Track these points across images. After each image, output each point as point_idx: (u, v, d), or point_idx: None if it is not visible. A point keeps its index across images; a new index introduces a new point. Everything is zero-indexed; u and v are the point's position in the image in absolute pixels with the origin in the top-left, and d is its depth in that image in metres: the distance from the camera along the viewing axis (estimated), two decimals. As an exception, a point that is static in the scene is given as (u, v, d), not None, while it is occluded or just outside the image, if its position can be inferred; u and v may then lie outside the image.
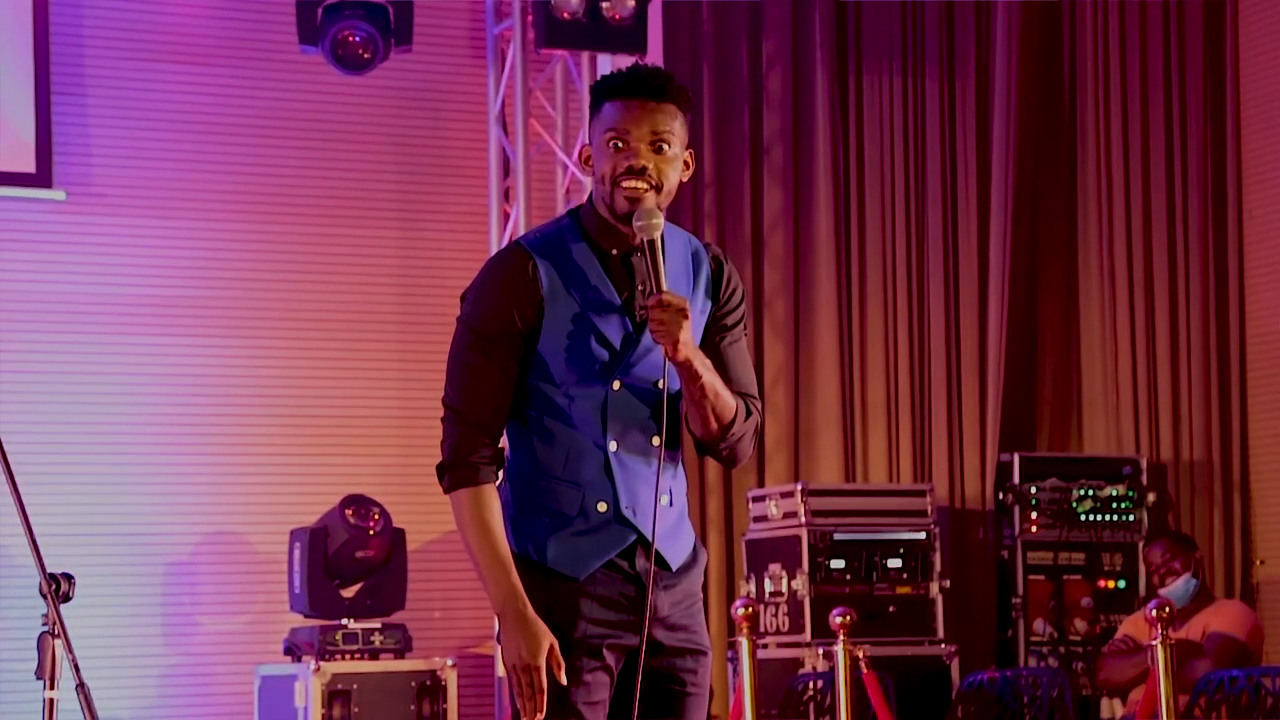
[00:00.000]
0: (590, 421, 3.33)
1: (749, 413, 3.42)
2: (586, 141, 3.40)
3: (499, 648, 3.41)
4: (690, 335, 3.28)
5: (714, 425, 3.37)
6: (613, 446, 3.33)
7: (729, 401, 3.37)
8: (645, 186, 3.30)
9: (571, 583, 3.32)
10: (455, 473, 3.33)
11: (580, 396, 3.33)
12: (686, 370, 3.29)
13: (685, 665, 3.39)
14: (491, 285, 3.35)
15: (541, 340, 3.32)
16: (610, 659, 3.33)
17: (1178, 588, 7.35)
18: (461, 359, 3.35)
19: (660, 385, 3.35)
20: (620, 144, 3.31)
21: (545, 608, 3.28)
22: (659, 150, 3.32)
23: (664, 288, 3.28)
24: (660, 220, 3.31)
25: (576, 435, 3.33)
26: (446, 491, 3.35)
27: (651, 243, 3.30)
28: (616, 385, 3.34)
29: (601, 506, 3.33)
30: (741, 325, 3.51)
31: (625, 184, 3.30)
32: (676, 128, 3.34)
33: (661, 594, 3.36)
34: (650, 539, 3.32)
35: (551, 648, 3.24)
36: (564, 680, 3.25)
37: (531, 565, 3.32)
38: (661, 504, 3.35)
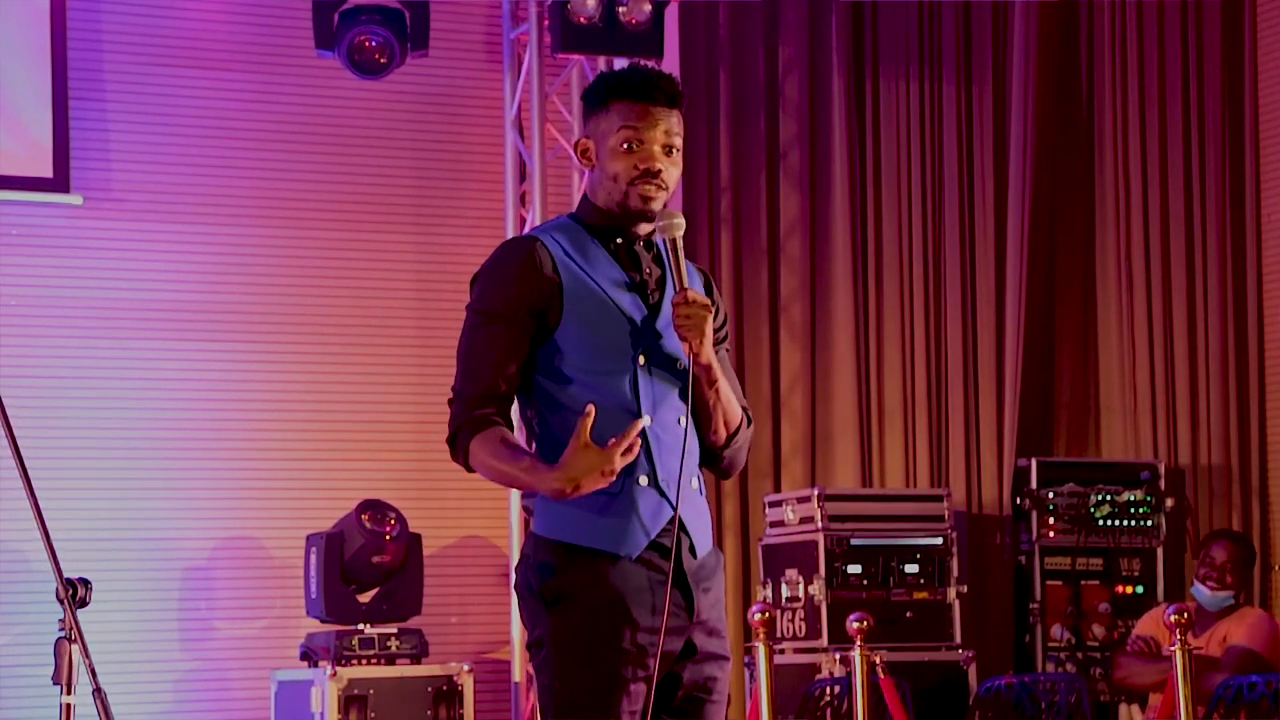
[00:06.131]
0: (624, 397, 3.35)
1: (749, 421, 3.49)
2: (584, 135, 3.45)
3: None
4: (712, 334, 3.34)
5: (723, 433, 3.44)
6: (646, 420, 3.34)
7: (737, 409, 3.45)
8: (660, 189, 3.39)
9: (621, 577, 3.29)
10: (461, 433, 3.35)
11: (610, 372, 3.35)
12: (706, 373, 3.35)
13: (712, 672, 3.42)
14: (501, 266, 3.39)
15: (563, 323, 3.34)
16: (652, 666, 3.34)
17: (1213, 597, 7.32)
18: (467, 340, 3.40)
19: (681, 365, 3.39)
20: (635, 145, 3.38)
21: (592, 610, 3.29)
22: (669, 153, 3.40)
23: (685, 285, 3.34)
24: (681, 221, 3.40)
25: (614, 412, 3.32)
26: (460, 456, 3.35)
27: (674, 241, 3.37)
28: (642, 360, 3.36)
29: (642, 479, 3.34)
30: (727, 338, 3.56)
31: (642, 187, 3.37)
32: (682, 131, 3.43)
33: (701, 596, 3.38)
34: (685, 521, 3.36)
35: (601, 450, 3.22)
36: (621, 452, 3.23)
37: (578, 551, 3.31)
38: (693, 487, 3.40)
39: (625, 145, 3.38)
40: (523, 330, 3.36)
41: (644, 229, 3.42)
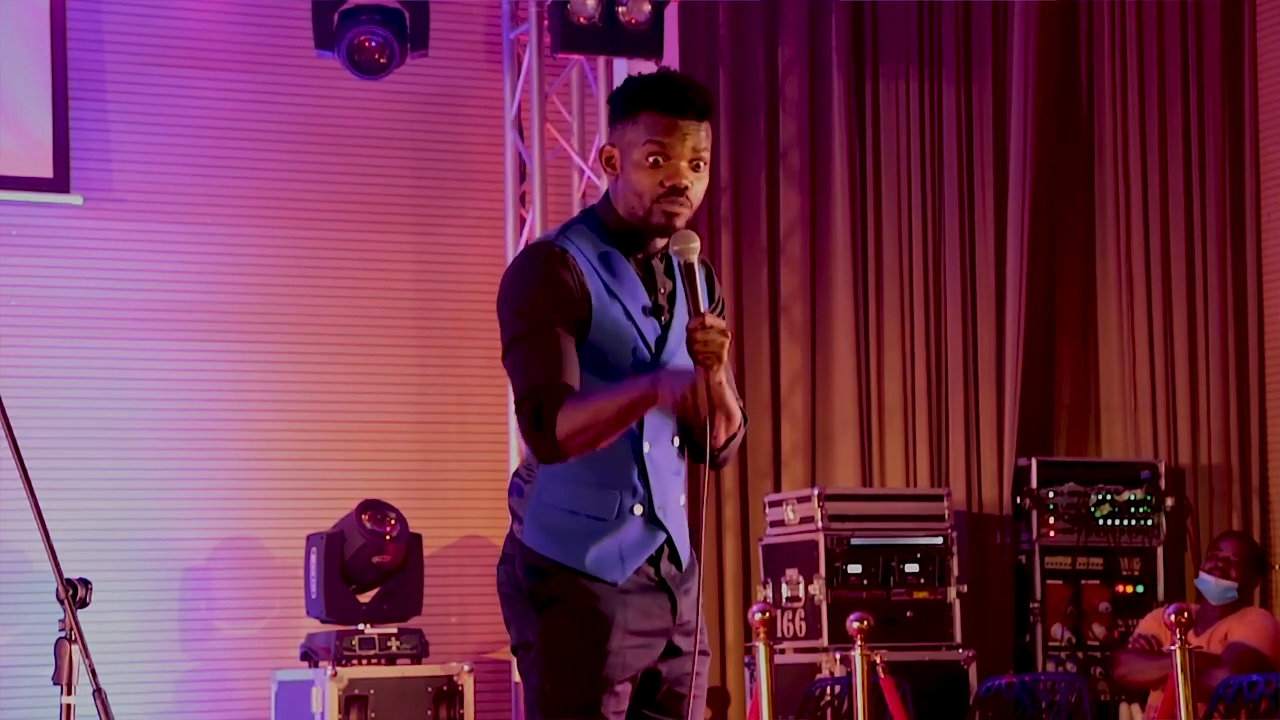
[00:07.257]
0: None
1: (745, 419, 3.48)
2: (609, 142, 3.38)
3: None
4: (727, 358, 3.30)
5: (722, 437, 3.41)
6: (647, 448, 3.35)
7: (737, 413, 3.43)
8: (685, 206, 3.33)
9: (609, 588, 3.32)
10: (545, 408, 3.21)
11: None
12: (717, 389, 3.30)
13: (690, 668, 3.44)
14: (535, 274, 3.31)
15: (591, 335, 3.31)
16: (638, 669, 3.37)
17: (1216, 586, 7.31)
18: (521, 349, 3.27)
19: None
20: (662, 160, 3.31)
21: (582, 613, 3.30)
22: (696, 168, 3.33)
23: (703, 309, 3.29)
24: (697, 243, 3.32)
25: (616, 439, 3.31)
26: (548, 433, 3.21)
27: (689, 265, 3.30)
28: None
29: (637, 509, 3.35)
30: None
31: (666, 204, 3.32)
32: (710, 143, 3.36)
33: (682, 598, 3.41)
34: (673, 539, 3.38)
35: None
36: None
37: (567, 570, 3.32)
38: (680, 503, 3.42)
39: (651, 160, 3.31)
40: (572, 330, 3.28)
41: (660, 242, 3.38)
